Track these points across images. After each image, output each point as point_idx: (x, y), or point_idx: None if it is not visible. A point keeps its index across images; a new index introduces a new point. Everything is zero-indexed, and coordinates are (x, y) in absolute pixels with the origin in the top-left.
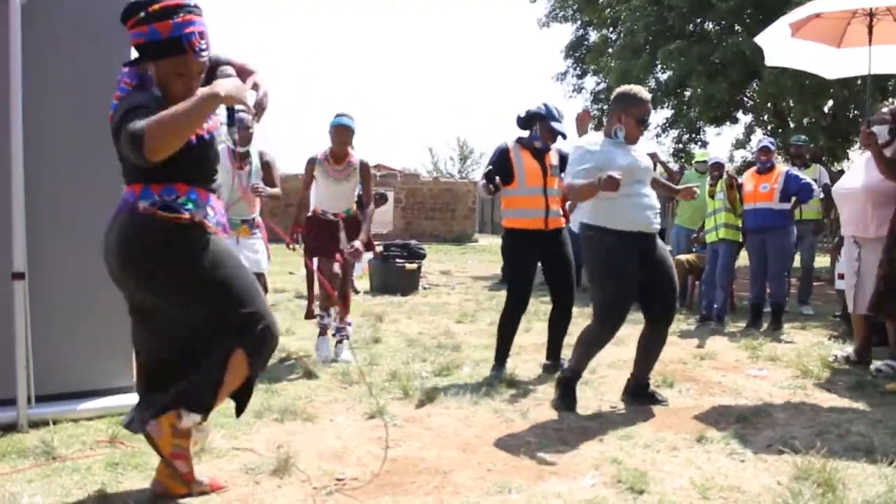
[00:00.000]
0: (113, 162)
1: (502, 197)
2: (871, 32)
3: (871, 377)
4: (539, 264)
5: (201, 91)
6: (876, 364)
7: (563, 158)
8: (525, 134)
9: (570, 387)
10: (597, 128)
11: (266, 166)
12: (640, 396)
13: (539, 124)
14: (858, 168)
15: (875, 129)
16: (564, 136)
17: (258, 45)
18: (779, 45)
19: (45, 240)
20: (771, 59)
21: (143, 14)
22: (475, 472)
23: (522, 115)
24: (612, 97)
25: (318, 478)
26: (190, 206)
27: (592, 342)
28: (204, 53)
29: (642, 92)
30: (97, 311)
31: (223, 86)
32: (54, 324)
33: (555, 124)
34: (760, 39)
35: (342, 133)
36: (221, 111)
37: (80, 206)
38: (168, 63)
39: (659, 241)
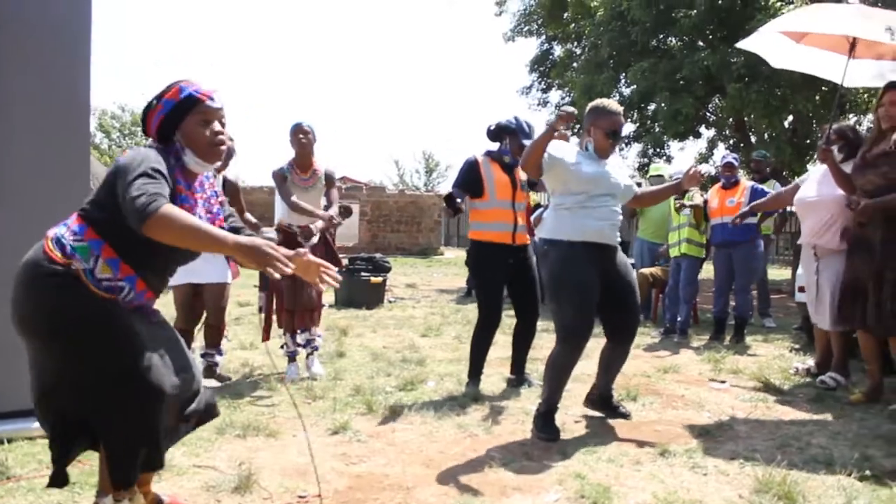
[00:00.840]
0: (73, 180)
1: (470, 210)
2: (852, 49)
3: (829, 391)
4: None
5: (237, 240)
6: (823, 376)
7: None
8: (494, 146)
9: (548, 420)
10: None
11: (231, 191)
12: (603, 407)
13: (510, 139)
14: (819, 179)
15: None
16: None
17: (215, 58)
18: (781, 50)
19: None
20: (777, 63)
21: (154, 101)
22: (439, 488)
23: (493, 127)
24: (585, 112)
25: (281, 495)
26: (74, 251)
27: (561, 366)
28: (217, 100)
29: (611, 104)
30: None
31: (250, 245)
32: (6, 339)
33: (525, 141)
34: (751, 45)
35: (301, 133)
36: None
37: (35, 220)
38: (191, 119)
39: (621, 254)
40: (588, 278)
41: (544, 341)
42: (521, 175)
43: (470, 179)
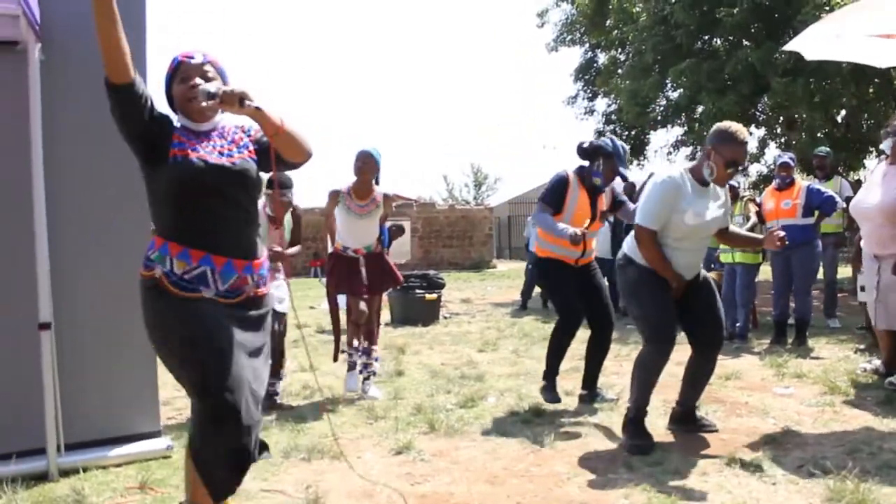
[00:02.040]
0: (135, 212)
1: (540, 230)
2: None
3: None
4: None
5: None
6: (890, 378)
7: (616, 200)
8: (584, 163)
9: (640, 426)
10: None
11: (296, 221)
12: (687, 423)
13: (603, 161)
14: (874, 184)
15: (887, 141)
16: (625, 179)
17: (267, 81)
18: (820, 43)
19: (70, 289)
20: (811, 55)
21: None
22: None
23: (587, 145)
24: (710, 130)
25: None
26: (153, 261)
27: (650, 366)
28: (195, 58)
29: (741, 132)
30: (124, 357)
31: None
32: (82, 372)
33: (620, 167)
34: (795, 45)
35: (367, 161)
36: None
37: (105, 255)
38: (175, 81)
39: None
40: (665, 291)
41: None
42: (605, 202)
43: (556, 196)
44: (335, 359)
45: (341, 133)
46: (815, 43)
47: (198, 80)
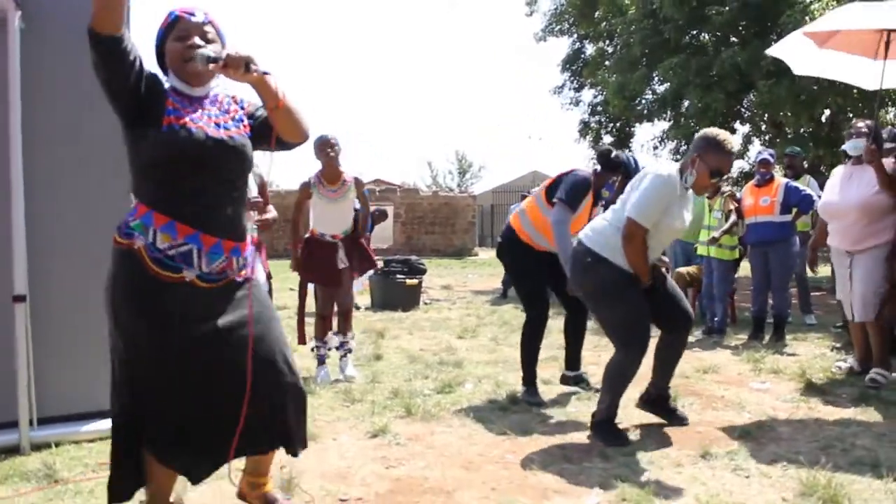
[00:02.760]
0: (115, 183)
1: (538, 213)
2: (887, 48)
3: (874, 390)
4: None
5: None
6: (869, 374)
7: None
8: (596, 167)
9: (612, 427)
10: (595, 140)
11: (260, 186)
12: (659, 409)
13: (620, 181)
14: (844, 183)
15: (850, 142)
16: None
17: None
18: (805, 55)
19: (45, 262)
20: (799, 69)
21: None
22: (479, 491)
23: (613, 156)
24: (696, 136)
25: (322, 498)
26: (133, 230)
27: (623, 373)
28: (196, 15)
29: (730, 141)
30: (99, 332)
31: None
32: (56, 346)
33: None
34: (778, 51)
35: (328, 147)
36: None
37: (81, 228)
38: (170, 37)
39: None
40: (637, 292)
41: (600, 347)
42: (598, 211)
43: (580, 199)
44: (300, 342)
45: (324, 119)
46: (800, 55)
47: (197, 41)
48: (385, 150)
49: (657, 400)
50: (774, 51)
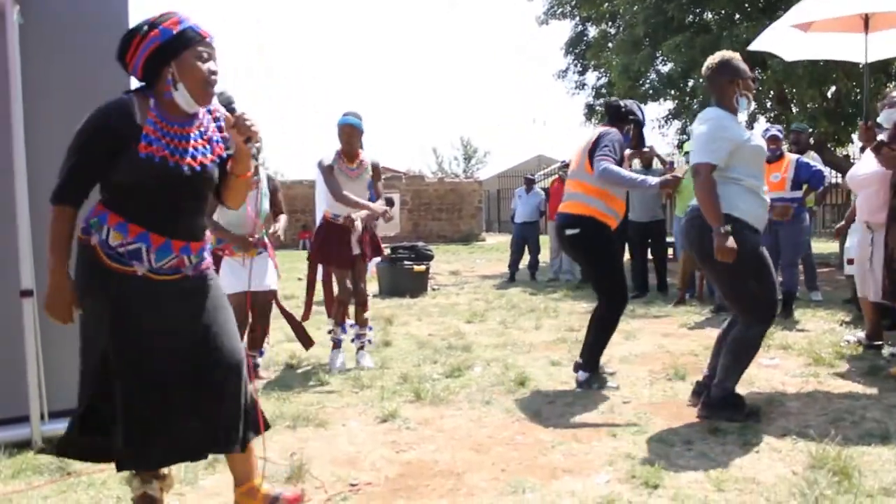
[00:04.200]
0: None
1: (592, 187)
2: (867, 25)
3: (884, 362)
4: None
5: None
6: (889, 349)
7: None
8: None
9: (738, 401)
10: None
11: (274, 191)
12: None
13: (634, 128)
14: (868, 155)
15: (885, 113)
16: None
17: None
18: (792, 42)
19: None
20: (790, 56)
21: (146, 27)
22: (489, 472)
23: (622, 107)
24: (713, 70)
25: (332, 484)
26: (91, 227)
27: (756, 346)
28: (210, 38)
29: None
30: None
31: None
32: (65, 339)
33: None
34: (763, 45)
35: (349, 131)
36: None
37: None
38: (189, 54)
39: None
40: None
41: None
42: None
43: (620, 152)
44: (303, 318)
45: (330, 104)
46: (787, 43)
47: (215, 66)
48: (391, 136)
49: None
50: (759, 45)
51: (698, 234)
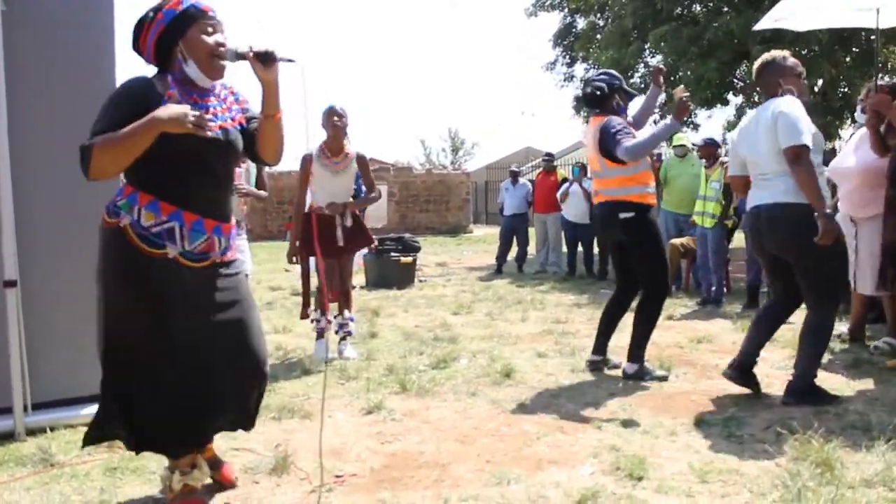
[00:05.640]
0: None
1: (619, 180)
2: None
3: (867, 355)
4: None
5: (155, 115)
6: (875, 342)
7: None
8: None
9: (818, 389)
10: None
11: (259, 169)
12: (744, 378)
13: (619, 95)
14: (855, 147)
15: (860, 109)
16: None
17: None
18: (801, 14)
19: (36, 246)
20: (801, 26)
21: (151, 13)
22: (474, 464)
23: (598, 91)
24: (763, 69)
25: (317, 475)
26: (120, 209)
27: (830, 333)
28: (215, 13)
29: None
30: (92, 315)
31: (165, 111)
32: (49, 330)
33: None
34: (771, 22)
35: (335, 116)
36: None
37: (72, 211)
38: (195, 29)
39: None
40: None
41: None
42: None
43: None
44: (302, 317)
45: (316, 95)
46: (797, 15)
47: (222, 38)
48: (378, 128)
49: (744, 369)
50: (767, 22)
51: (794, 228)
